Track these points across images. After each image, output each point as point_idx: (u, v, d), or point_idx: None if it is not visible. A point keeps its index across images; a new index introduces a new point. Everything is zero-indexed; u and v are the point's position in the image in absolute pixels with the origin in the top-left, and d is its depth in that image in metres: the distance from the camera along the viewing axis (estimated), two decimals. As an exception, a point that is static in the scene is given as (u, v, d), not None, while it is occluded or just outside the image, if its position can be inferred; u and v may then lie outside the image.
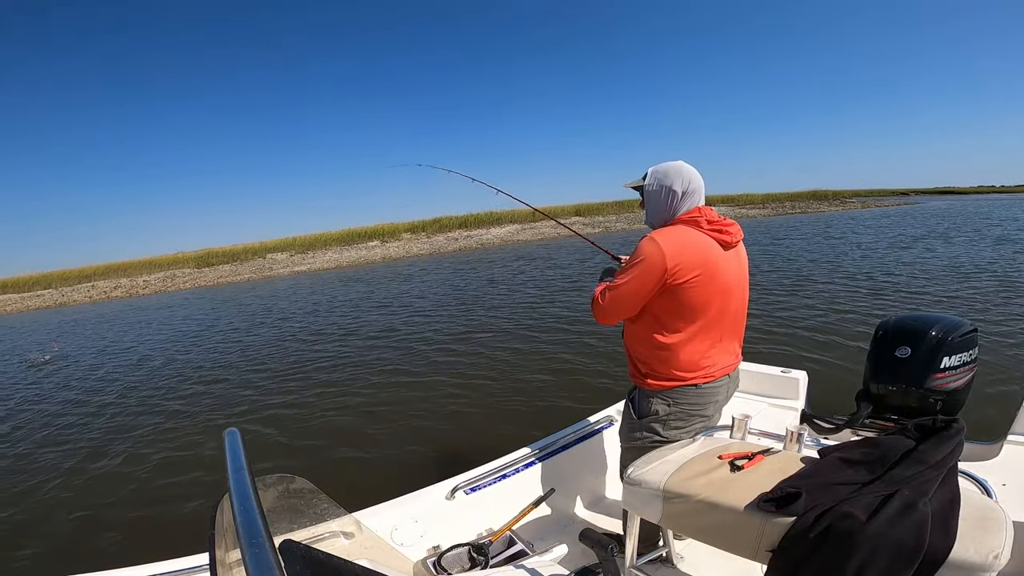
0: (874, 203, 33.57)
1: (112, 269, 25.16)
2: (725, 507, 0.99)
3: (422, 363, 5.45)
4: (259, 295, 14.15)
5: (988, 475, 1.40)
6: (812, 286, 7.46)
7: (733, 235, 1.37)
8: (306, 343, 7.06)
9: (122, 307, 16.09)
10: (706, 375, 1.39)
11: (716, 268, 1.31)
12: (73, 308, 18.10)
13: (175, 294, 18.11)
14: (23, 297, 22.41)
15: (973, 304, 5.75)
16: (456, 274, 13.39)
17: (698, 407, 1.43)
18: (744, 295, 1.44)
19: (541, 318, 6.97)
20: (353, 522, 1.23)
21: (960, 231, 13.94)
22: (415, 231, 27.10)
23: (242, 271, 21.90)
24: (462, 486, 1.76)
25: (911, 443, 1.01)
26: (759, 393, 2.30)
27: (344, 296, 11.63)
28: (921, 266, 8.53)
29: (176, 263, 25.05)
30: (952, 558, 0.78)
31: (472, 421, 3.84)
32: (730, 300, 1.38)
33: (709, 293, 1.31)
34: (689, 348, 1.36)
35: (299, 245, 26.01)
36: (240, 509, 0.61)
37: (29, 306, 20.35)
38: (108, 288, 21.63)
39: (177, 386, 5.77)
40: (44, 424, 5.03)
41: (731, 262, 1.37)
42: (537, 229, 25.28)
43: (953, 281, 7.09)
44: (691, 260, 1.28)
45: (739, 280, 1.41)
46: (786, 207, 31.06)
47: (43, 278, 24.65)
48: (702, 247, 1.30)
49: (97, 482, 3.59)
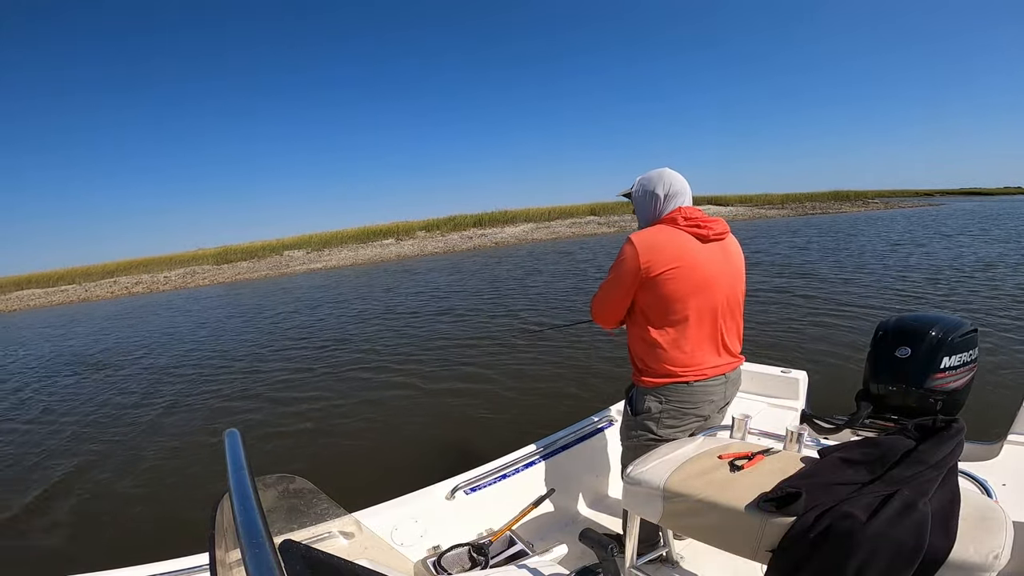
0: (897, 204, 33.06)
1: (134, 265, 25.47)
2: (725, 507, 0.99)
3: (423, 362, 5.45)
4: (268, 293, 14.18)
5: (988, 475, 1.40)
6: (813, 286, 7.46)
7: (712, 229, 1.39)
8: (306, 342, 7.07)
9: (142, 303, 16.17)
10: (697, 372, 1.41)
11: (693, 261, 1.35)
12: (95, 304, 18.25)
13: (194, 290, 18.23)
14: (47, 292, 22.65)
15: (973, 304, 5.75)
16: (467, 273, 13.42)
17: (691, 405, 1.44)
18: (733, 291, 1.44)
19: (551, 318, 6.97)
20: (353, 522, 1.23)
21: (975, 230, 13.89)
22: (430, 229, 27.12)
23: (259, 268, 22.12)
24: (462, 486, 1.76)
25: (911, 443, 1.01)
26: (759, 393, 2.30)
27: (353, 295, 11.68)
28: (923, 265, 8.54)
29: (196, 259, 25.35)
30: (952, 558, 0.79)
31: (472, 421, 3.84)
32: (714, 293, 1.39)
33: (688, 286, 1.35)
34: (678, 344, 1.39)
35: (315, 242, 26.17)
36: (240, 509, 0.61)
37: (52, 301, 20.48)
38: (129, 284, 21.94)
39: (177, 385, 5.77)
40: (42, 423, 5.04)
41: (711, 255, 1.38)
42: (551, 228, 25.31)
43: (954, 281, 7.10)
44: (664, 254, 1.34)
45: (724, 274, 1.41)
46: (806, 207, 30.59)
47: (67, 273, 24.95)
48: (677, 242, 1.36)
49: (97, 482, 3.59)
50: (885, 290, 6.86)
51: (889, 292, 6.72)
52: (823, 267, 9.18)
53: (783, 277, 8.44)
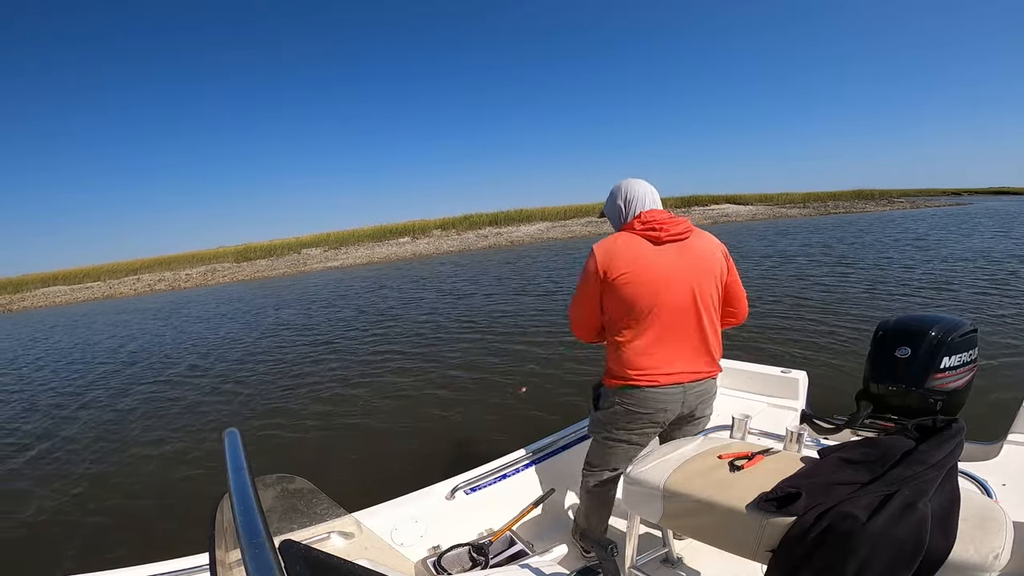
0: (924, 203, 31.58)
1: (158, 263, 25.81)
2: (725, 507, 0.99)
3: (424, 362, 5.45)
4: (277, 291, 14.18)
5: (988, 475, 1.40)
6: (814, 286, 7.46)
7: (667, 230, 1.38)
8: (307, 341, 7.07)
9: (163, 300, 16.22)
10: (650, 378, 1.39)
11: (645, 263, 1.36)
12: (118, 300, 18.36)
13: (214, 288, 18.33)
14: (72, 289, 22.91)
15: (974, 304, 5.75)
16: (480, 270, 13.43)
17: (643, 410, 1.42)
18: (695, 293, 1.38)
19: (553, 318, 6.97)
20: (353, 522, 1.23)
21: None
22: (445, 228, 27.16)
23: (277, 266, 22.30)
24: (462, 486, 1.76)
25: (911, 443, 1.01)
26: (759, 393, 2.30)
27: (362, 293, 11.70)
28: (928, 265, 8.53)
29: (217, 257, 25.67)
30: (952, 558, 0.79)
31: (473, 421, 3.84)
32: (667, 295, 1.36)
33: (641, 290, 1.36)
34: (634, 347, 1.41)
35: (332, 241, 26.37)
36: (240, 509, 0.61)
37: (78, 298, 20.63)
38: (152, 281, 22.23)
39: (175, 384, 5.77)
40: (40, 419, 5.04)
41: (663, 257, 1.37)
42: (567, 227, 25.27)
43: (956, 280, 7.09)
44: (620, 259, 1.37)
45: (681, 276, 1.37)
46: (828, 207, 29.75)
47: (93, 271, 25.32)
48: (631, 246, 1.38)
49: (96, 481, 3.59)
50: (886, 290, 6.86)
51: (889, 292, 6.72)
52: (824, 267, 9.18)
53: (783, 277, 8.43)
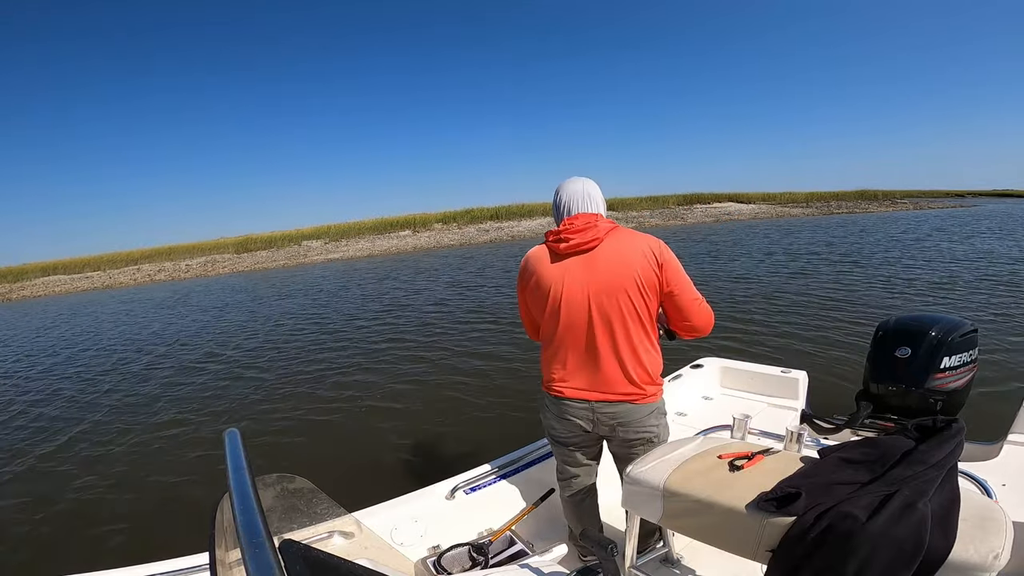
0: (927, 204, 31.42)
1: (158, 253, 25.75)
2: (725, 507, 0.99)
3: (424, 362, 5.45)
4: (277, 283, 14.15)
5: (988, 475, 1.40)
6: (814, 285, 7.46)
7: (568, 241, 1.32)
8: (307, 340, 7.06)
9: (164, 290, 16.20)
10: (557, 390, 1.43)
11: (541, 277, 1.38)
12: (117, 291, 18.31)
13: (215, 278, 18.31)
14: (72, 278, 22.83)
15: (973, 304, 5.75)
16: (480, 268, 13.40)
17: (555, 419, 1.46)
18: (583, 311, 1.32)
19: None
20: (353, 522, 1.23)
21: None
22: (447, 222, 27.12)
23: (277, 257, 22.27)
24: (462, 486, 1.76)
25: (911, 443, 1.01)
26: (759, 393, 2.30)
27: (364, 287, 11.70)
28: (930, 265, 8.53)
29: (217, 248, 25.60)
30: (952, 558, 0.79)
31: (473, 420, 3.84)
32: (564, 311, 1.34)
33: (540, 301, 1.39)
34: (547, 354, 1.46)
35: (333, 233, 26.28)
36: (240, 509, 0.61)
37: (78, 287, 20.59)
38: (152, 271, 22.16)
39: (174, 384, 5.77)
40: (38, 419, 5.04)
41: (561, 270, 1.34)
42: None
43: (959, 280, 7.10)
44: (526, 270, 1.43)
45: (576, 290, 1.32)
46: (832, 207, 29.60)
47: (93, 260, 25.22)
48: (538, 257, 1.41)
49: (95, 480, 3.59)
50: (886, 290, 6.86)
51: (890, 291, 6.72)
52: (824, 267, 9.17)
53: (783, 277, 8.43)
